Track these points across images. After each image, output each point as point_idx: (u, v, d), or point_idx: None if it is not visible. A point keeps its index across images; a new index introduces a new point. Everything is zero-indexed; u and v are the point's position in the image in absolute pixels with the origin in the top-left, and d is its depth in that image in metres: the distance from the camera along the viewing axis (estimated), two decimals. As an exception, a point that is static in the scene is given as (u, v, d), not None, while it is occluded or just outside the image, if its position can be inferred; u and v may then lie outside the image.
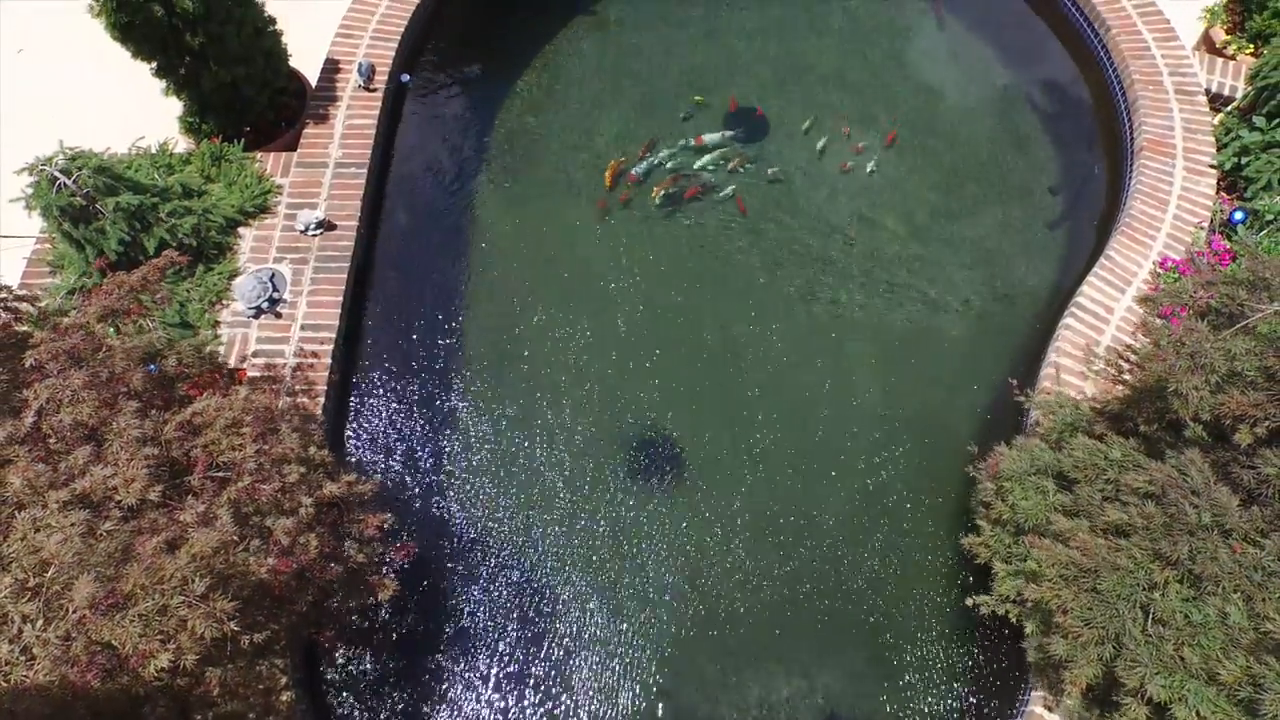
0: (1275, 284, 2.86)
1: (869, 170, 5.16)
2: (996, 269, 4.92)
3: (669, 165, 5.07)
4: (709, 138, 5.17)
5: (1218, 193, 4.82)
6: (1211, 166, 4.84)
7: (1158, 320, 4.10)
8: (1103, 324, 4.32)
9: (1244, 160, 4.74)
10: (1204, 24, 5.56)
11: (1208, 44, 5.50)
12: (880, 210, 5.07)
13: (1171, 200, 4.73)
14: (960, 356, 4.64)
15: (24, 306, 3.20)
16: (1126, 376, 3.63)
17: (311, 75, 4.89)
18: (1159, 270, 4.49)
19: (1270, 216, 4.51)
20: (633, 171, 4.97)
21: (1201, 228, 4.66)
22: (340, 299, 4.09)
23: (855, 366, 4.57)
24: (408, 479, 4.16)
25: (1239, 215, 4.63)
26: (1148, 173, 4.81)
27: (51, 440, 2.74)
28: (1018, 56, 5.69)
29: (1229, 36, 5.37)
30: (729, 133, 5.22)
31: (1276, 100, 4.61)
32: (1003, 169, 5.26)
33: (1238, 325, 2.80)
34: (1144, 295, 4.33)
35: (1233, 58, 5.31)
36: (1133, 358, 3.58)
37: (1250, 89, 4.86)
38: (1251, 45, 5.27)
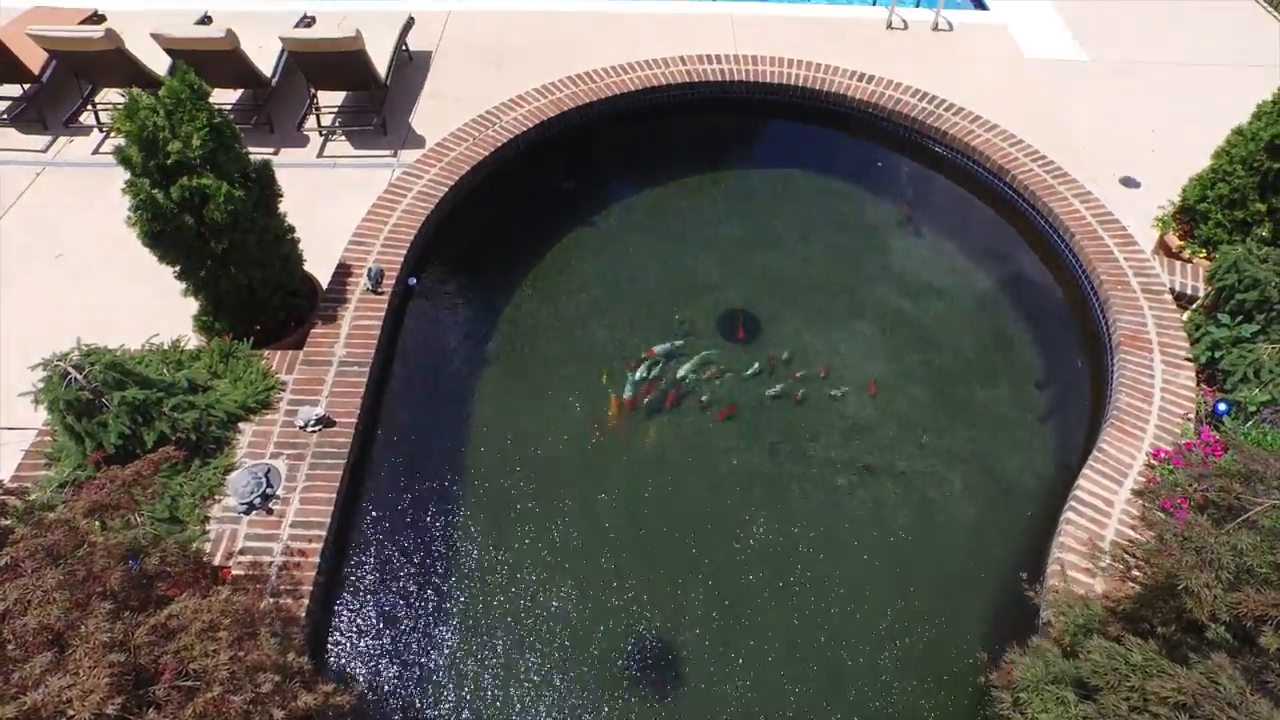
0: (1268, 476, 2.87)
1: (840, 392, 5.25)
2: (992, 464, 4.94)
3: (650, 375, 5.18)
4: (659, 348, 5.31)
5: (1199, 384, 4.96)
6: (1188, 359, 5.01)
7: (1159, 513, 4.06)
8: (1104, 518, 4.27)
9: (1217, 354, 4.93)
10: (1158, 231, 5.98)
11: (1164, 248, 5.89)
12: (872, 411, 5.17)
13: (1155, 393, 4.85)
14: (963, 554, 4.54)
15: (10, 501, 3.16)
16: (1135, 573, 3.54)
17: (323, 277, 5.17)
18: (1153, 462, 4.51)
19: (1253, 408, 4.61)
20: (626, 397, 5.06)
21: (1188, 419, 4.74)
22: (334, 496, 4.06)
23: (850, 569, 4.45)
24: (389, 690, 3.91)
25: (1222, 407, 4.73)
26: (1129, 367, 4.97)
27: (10, 646, 2.60)
28: (992, 260, 6.07)
29: (1182, 242, 5.77)
30: (679, 342, 5.36)
31: (1234, 300, 4.88)
32: (989, 367, 5.43)
33: (1239, 519, 2.77)
34: (1141, 489, 4.32)
35: (1190, 260, 5.67)
36: (1138, 553, 3.51)
37: (1210, 289, 5.15)
38: (1204, 250, 5.64)
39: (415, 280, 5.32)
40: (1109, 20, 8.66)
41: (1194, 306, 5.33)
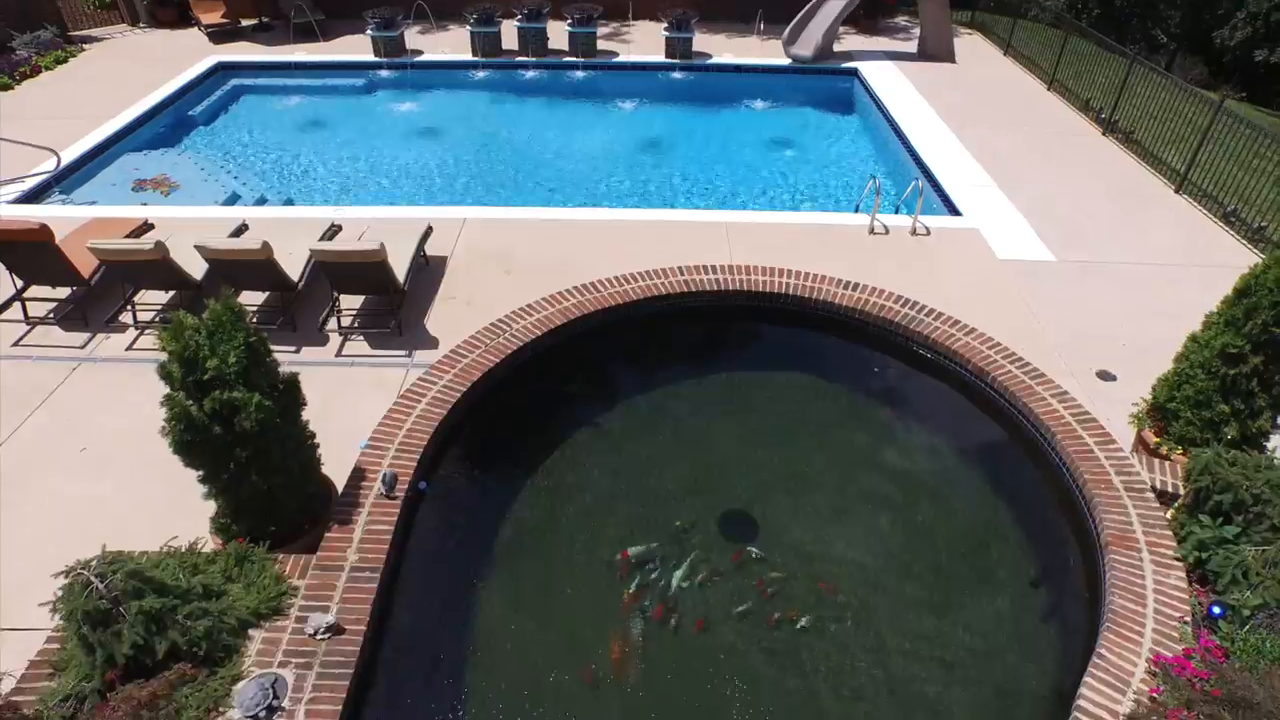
0: (1258, 703, 2.95)
1: (834, 600, 5.33)
2: (991, 667, 4.94)
3: (643, 583, 5.26)
4: (633, 551, 5.42)
5: (1191, 584, 5.05)
6: (1177, 559, 5.13)
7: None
8: (1110, 728, 4.24)
9: (1204, 554, 5.05)
10: (1134, 428, 6.28)
11: (1143, 445, 6.15)
12: (867, 610, 5.23)
13: (1148, 594, 4.93)
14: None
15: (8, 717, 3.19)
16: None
17: (338, 477, 5.39)
18: (1154, 670, 4.53)
19: (1246, 612, 4.68)
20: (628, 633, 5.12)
21: (1185, 622, 4.79)
22: (339, 709, 4.06)
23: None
24: None
25: (1217, 610, 4.79)
26: (1119, 567, 5.08)
27: None
28: (981, 459, 6.33)
29: (1158, 439, 6.04)
30: (654, 544, 5.47)
31: (1211, 502, 5.07)
32: (983, 564, 5.55)
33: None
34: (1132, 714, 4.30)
35: (1167, 457, 5.92)
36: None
37: (1188, 488, 5.35)
38: (1179, 447, 5.90)
39: (426, 483, 5.54)
40: (1071, 224, 9.45)
41: (1176, 505, 5.51)
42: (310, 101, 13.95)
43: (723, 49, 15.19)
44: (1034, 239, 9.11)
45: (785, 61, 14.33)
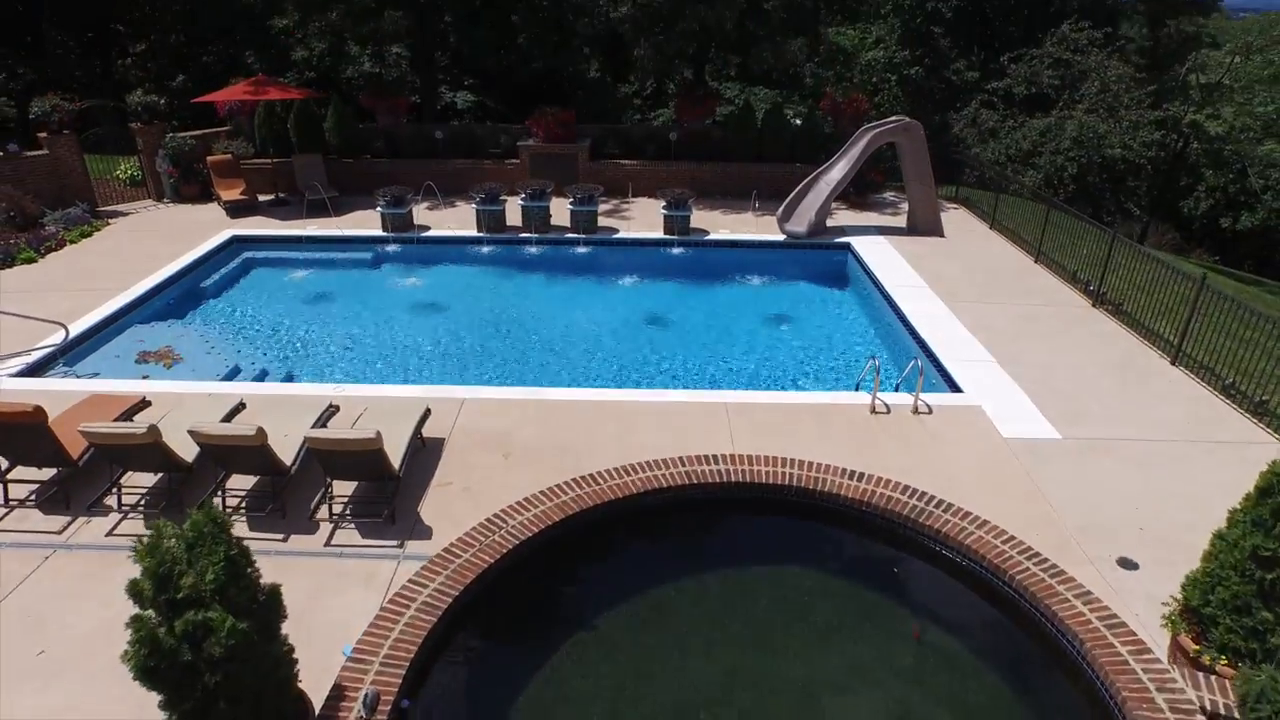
0: None
1: None
2: None
3: None
4: None
5: (1256, 826, 4.53)
6: (1237, 796, 4.64)
7: None
8: None
9: (1270, 793, 4.56)
10: (1169, 631, 5.89)
11: (1180, 652, 5.74)
12: None
13: (1210, 840, 4.42)
14: None
15: None
16: None
17: (318, 694, 4.97)
18: None
19: None
20: None
21: None
22: None
23: None
24: None
25: None
26: (1173, 805, 4.59)
27: None
28: (1003, 667, 5.90)
29: (1198, 646, 5.64)
30: None
31: (1275, 735, 4.64)
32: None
33: None
34: None
35: (1211, 668, 5.50)
36: None
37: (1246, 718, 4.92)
38: (1224, 656, 5.50)
39: (409, 701, 5.11)
40: (1073, 399, 9.40)
41: (1229, 729, 5.06)
42: (318, 275, 14.35)
43: (719, 225, 15.83)
44: (1037, 416, 9.03)
45: (780, 237, 14.88)
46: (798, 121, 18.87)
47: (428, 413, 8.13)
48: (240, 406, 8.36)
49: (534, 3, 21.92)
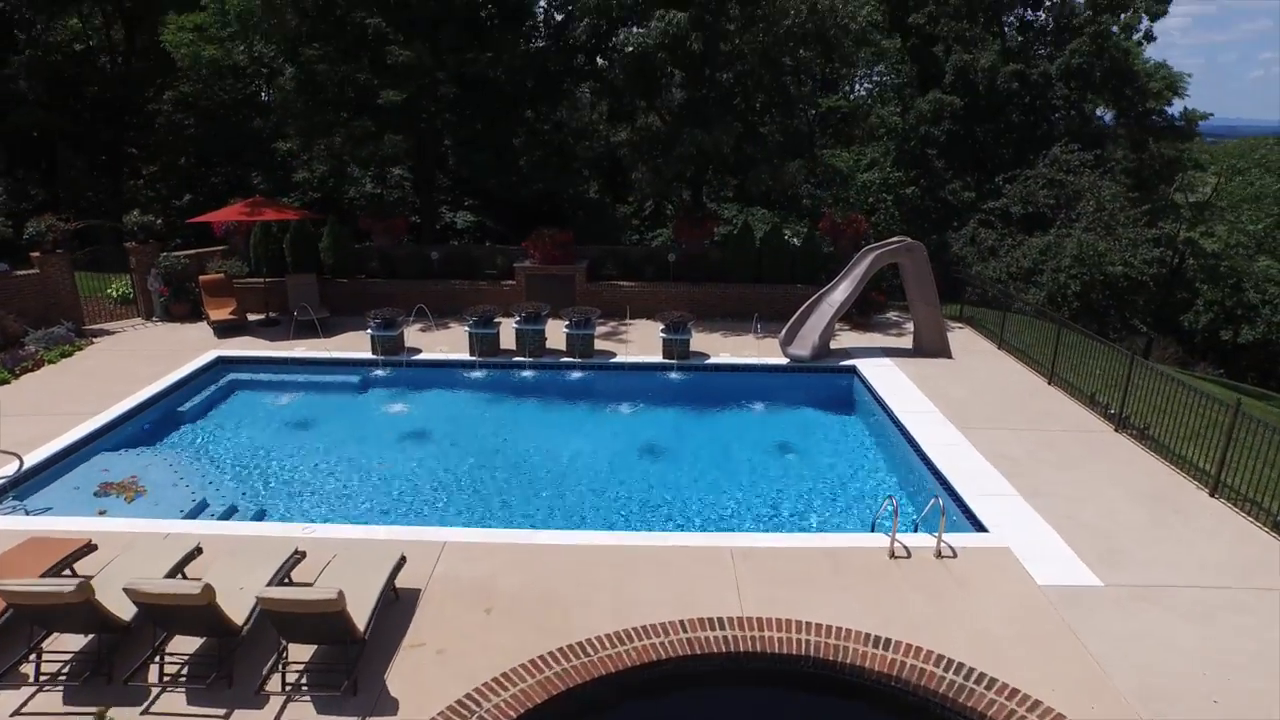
0: None
1: None
2: None
3: None
4: None
5: None
6: None
7: None
8: None
9: None
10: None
11: None
12: None
13: None
14: None
15: None
16: None
17: None
18: None
19: None
20: None
21: None
22: None
23: None
24: None
25: None
26: None
27: None
28: None
29: None
30: None
31: None
32: None
33: None
34: None
35: None
36: None
37: None
38: None
39: None
40: (1106, 536, 8.62)
41: None
42: (303, 399, 13.77)
43: (720, 347, 15.37)
44: (1071, 557, 8.22)
45: (783, 360, 14.40)
46: (795, 242, 18.81)
47: (402, 560, 7.32)
48: (196, 551, 7.56)
49: (535, 128, 22.36)
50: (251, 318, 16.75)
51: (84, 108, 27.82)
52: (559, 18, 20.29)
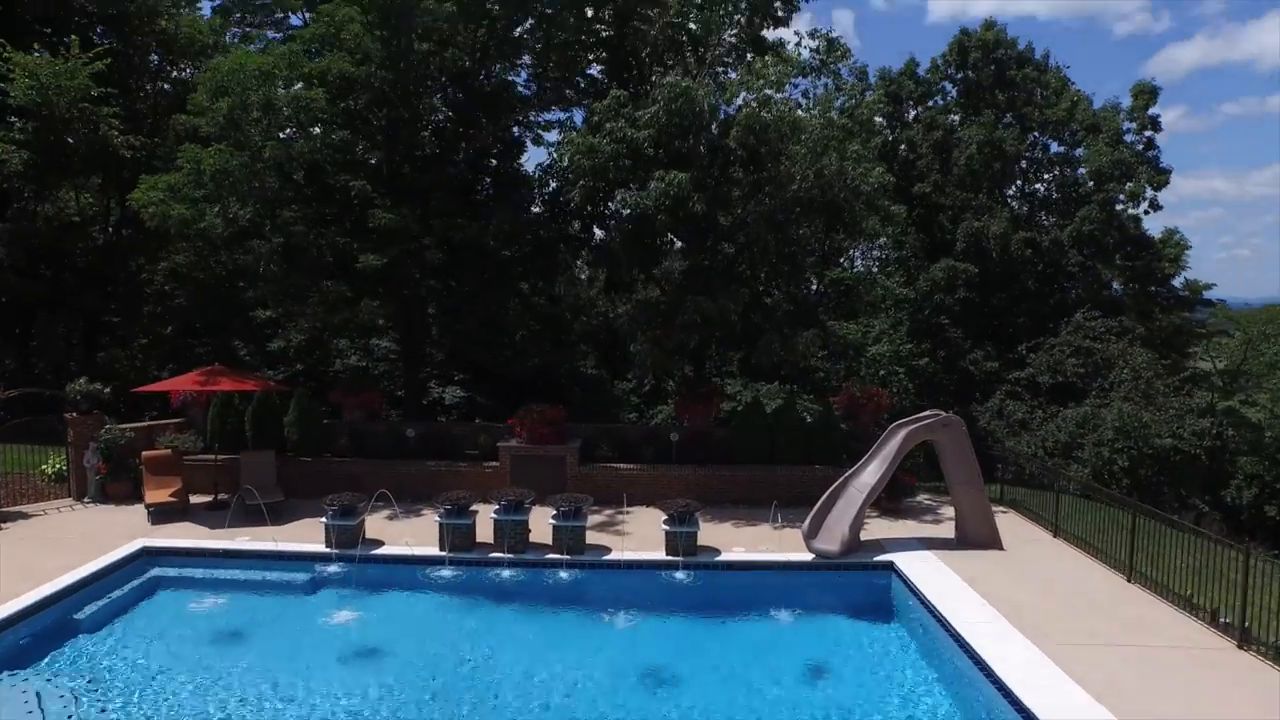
0: None
1: None
2: None
3: None
4: None
5: None
6: None
7: None
8: None
9: None
10: None
11: None
12: None
13: None
14: None
15: None
16: None
17: None
18: None
19: None
20: None
21: None
22: None
23: None
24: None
25: None
26: None
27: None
28: None
29: None
30: None
31: None
32: None
33: None
34: None
35: None
36: None
37: None
38: None
39: None
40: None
41: None
42: (237, 602, 11.47)
43: (732, 540, 13.14)
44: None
45: (807, 556, 12.18)
46: (808, 418, 17.11)
47: None
48: None
49: (530, 301, 21.39)
50: (198, 500, 14.76)
51: (71, 275, 27.19)
52: (553, 184, 19.82)
